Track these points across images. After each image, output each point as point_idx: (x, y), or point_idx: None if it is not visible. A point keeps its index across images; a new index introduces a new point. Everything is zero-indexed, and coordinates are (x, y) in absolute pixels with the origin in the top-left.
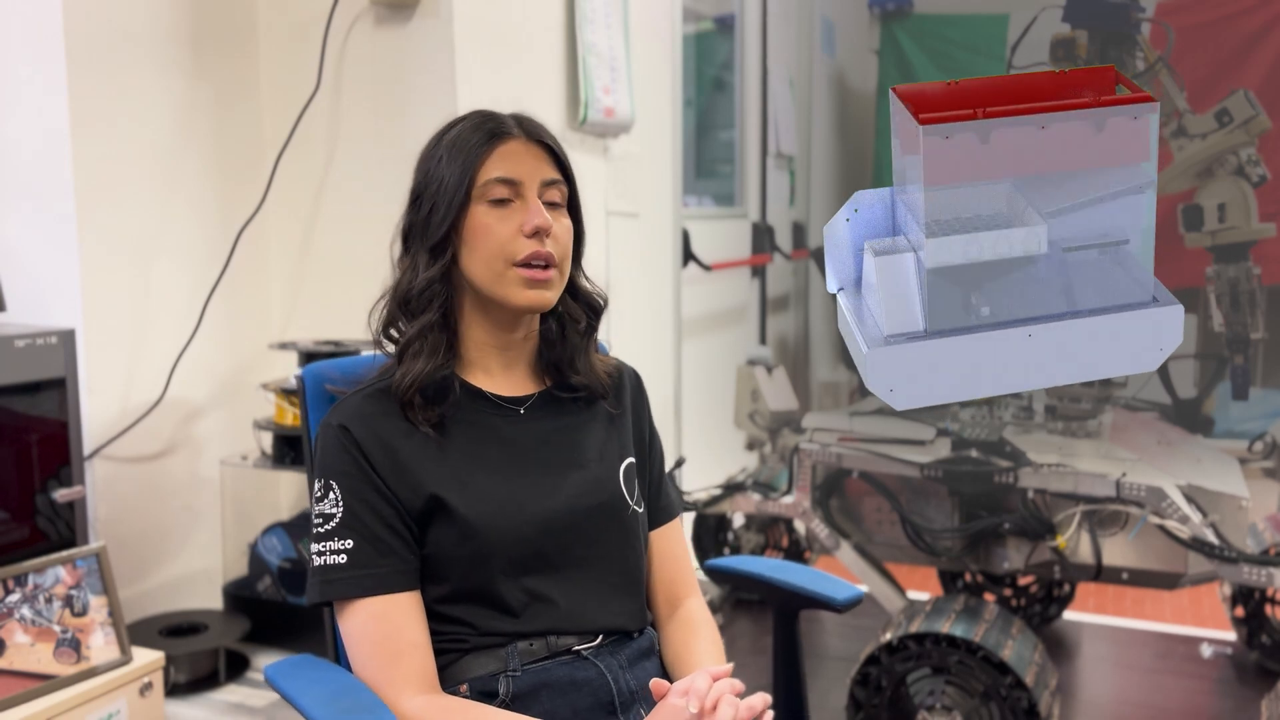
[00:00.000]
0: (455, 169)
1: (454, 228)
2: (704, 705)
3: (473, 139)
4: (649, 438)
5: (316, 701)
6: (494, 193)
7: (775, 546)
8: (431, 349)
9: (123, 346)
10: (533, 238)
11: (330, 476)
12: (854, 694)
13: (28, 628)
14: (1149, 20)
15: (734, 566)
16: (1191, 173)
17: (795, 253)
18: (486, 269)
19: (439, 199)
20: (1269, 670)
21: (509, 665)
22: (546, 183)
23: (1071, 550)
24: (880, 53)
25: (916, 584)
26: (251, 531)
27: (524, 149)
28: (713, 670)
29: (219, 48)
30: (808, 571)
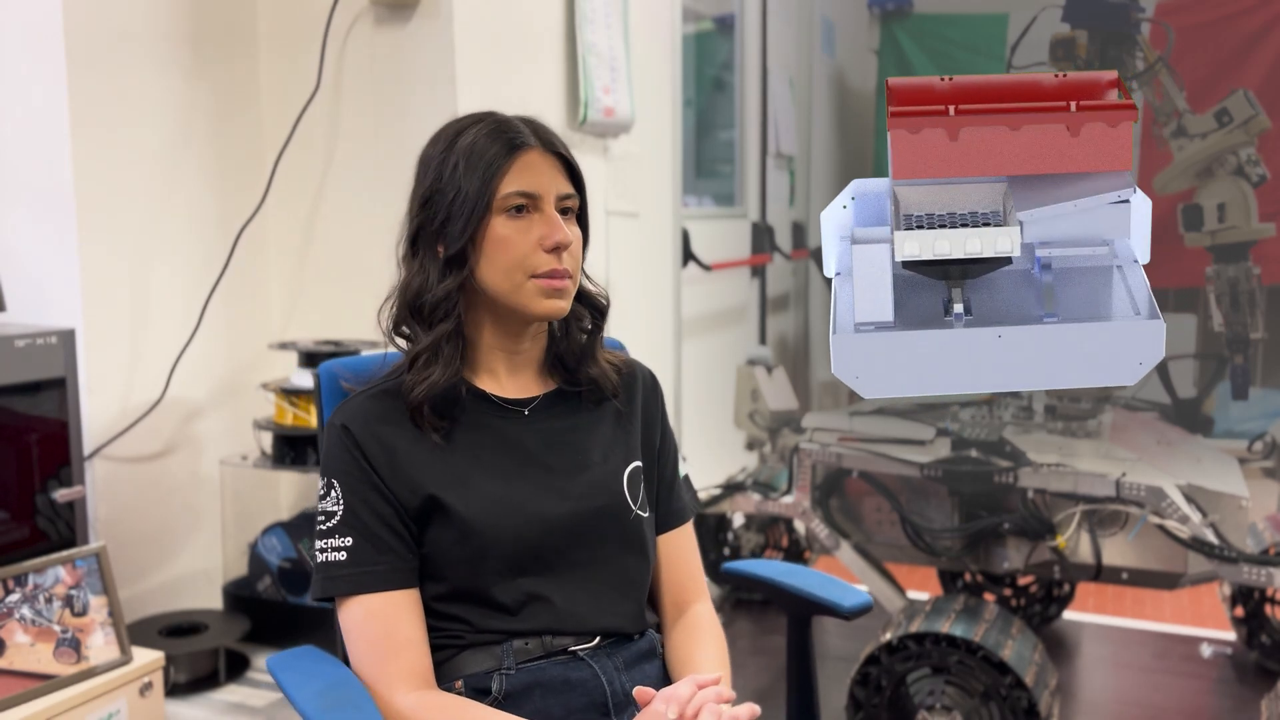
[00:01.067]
0: (475, 180)
1: (472, 239)
2: (684, 713)
3: (491, 149)
4: (661, 440)
5: (308, 695)
6: (513, 204)
7: (775, 546)
8: (447, 359)
9: (122, 346)
10: (552, 252)
11: (332, 475)
12: (854, 694)
13: (28, 628)
14: (1149, 20)
15: (748, 570)
16: (1191, 172)
17: (795, 253)
18: (505, 280)
19: (456, 209)
20: (1268, 670)
21: (503, 663)
22: (562, 196)
23: (1071, 550)
24: (880, 53)
25: (916, 584)
26: (251, 531)
27: (542, 160)
28: (699, 678)
29: (219, 48)
30: (819, 577)
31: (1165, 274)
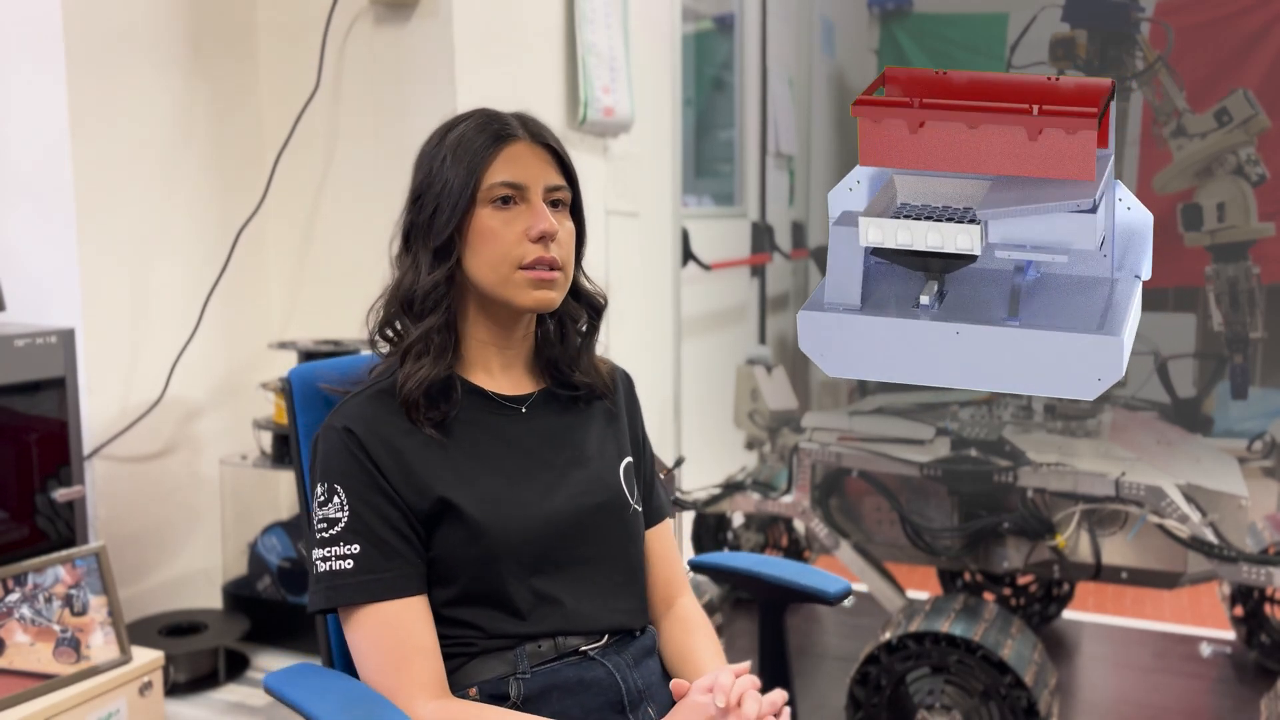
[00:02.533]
0: (460, 171)
1: (458, 230)
2: (730, 700)
3: (477, 141)
4: (641, 440)
5: (331, 710)
6: (499, 195)
7: (775, 546)
8: (438, 351)
9: (122, 346)
10: (538, 242)
11: (334, 480)
12: (853, 693)
13: (27, 627)
14: (1148, 20)
15: (720, 563)
16: (1191, 172)
17: (795, 252)
18: (492, 272)
19: (443, 200)
20: (1268, 669)
21: (518, 668)
22: (551, 187)
23: (1071, 549)
24: (880, 52)
25: (916, 583)
26: (251, 531)
27: (529, 151)
28: (735, 667)
29: (218, 47)
30: (795, 566)
31: (1165, 273)
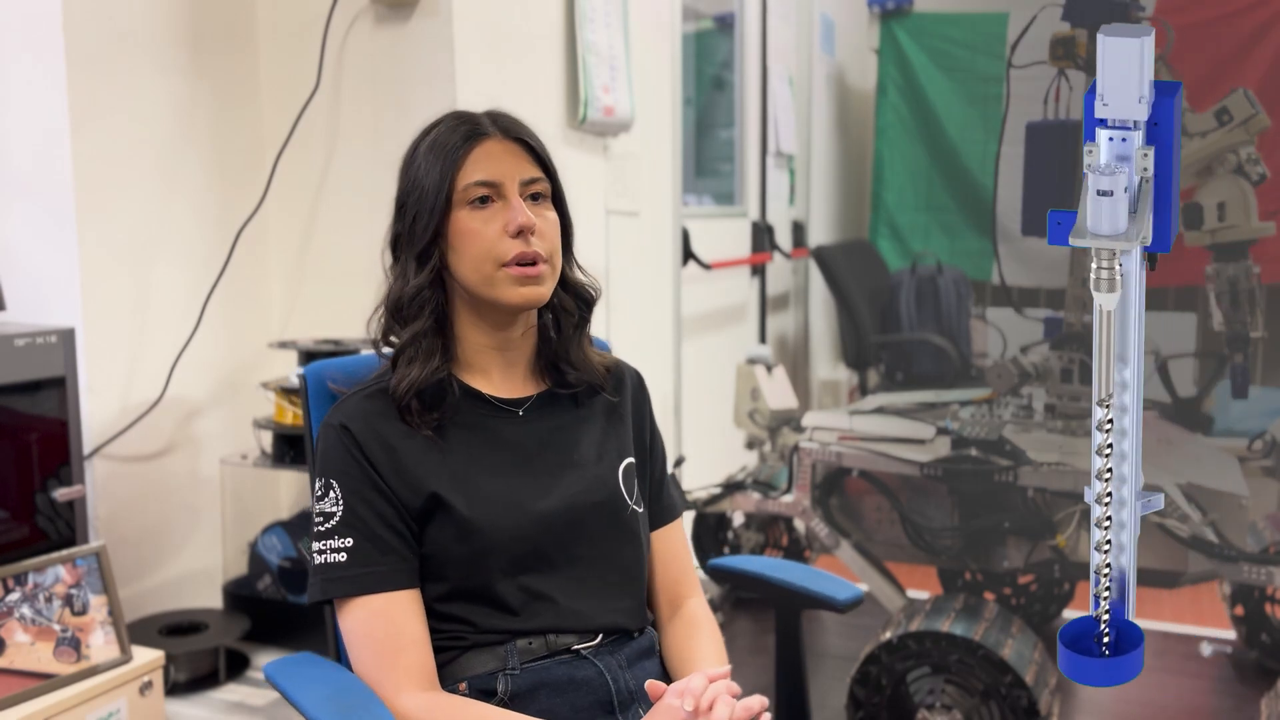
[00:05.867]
0: (434, 174)
1: (439, 233)
2: (699, 704)
3: (449, 142)
4: (650, 438)
5: (316, 700)
6: (475, 195)
7: (775, 545)
8: (426, 355)
9: (122, 346)
10: (517, 238)
11: (330, 475)
12: (854, 693)
13: (27, 627)
14: (1149, 19)
15: (736, 566)
16: (1191, 171)
17: (795, 251)
18: (475, 272)
19: (421, 205)
20: (1268, 669)
21: (508, 663)
22: (526, 181)
23: (1071, 549)
24: (880, 51)
25: (916, 583)
26: (251, 530)
27: (501, 148)
28: (710, 672)
29: (218, 47)
30: (809, 571)
31: (1165, 273)
